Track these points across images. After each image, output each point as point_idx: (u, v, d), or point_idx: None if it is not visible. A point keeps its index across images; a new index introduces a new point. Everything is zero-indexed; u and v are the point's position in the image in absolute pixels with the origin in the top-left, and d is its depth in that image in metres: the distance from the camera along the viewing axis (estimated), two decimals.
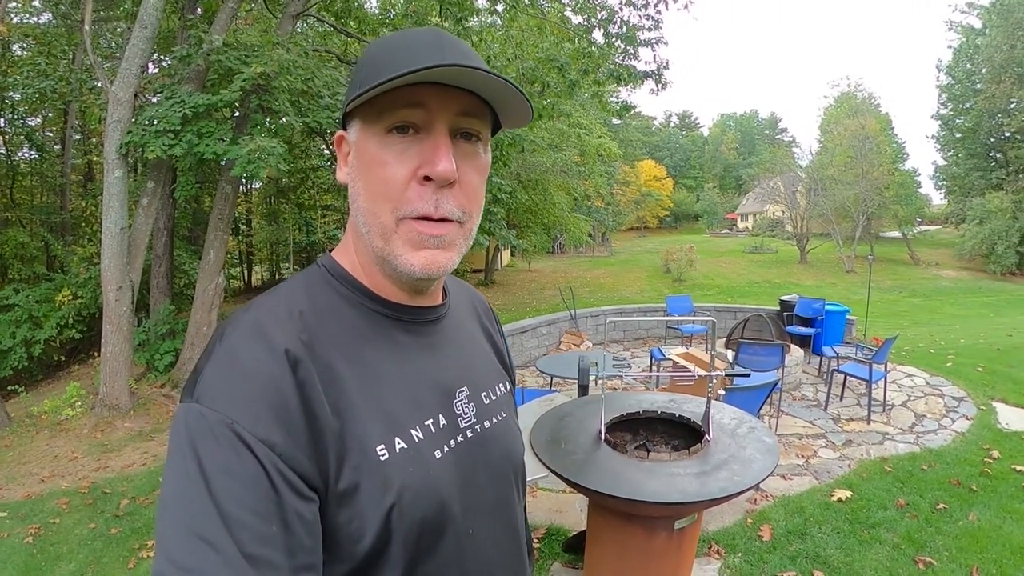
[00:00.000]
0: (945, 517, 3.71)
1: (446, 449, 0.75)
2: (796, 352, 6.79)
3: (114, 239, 6.89)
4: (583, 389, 4.38)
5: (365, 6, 11.29)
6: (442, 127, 0.70)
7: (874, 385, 5.66)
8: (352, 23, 10.17)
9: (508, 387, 0.95)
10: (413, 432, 0.72)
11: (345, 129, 0.77)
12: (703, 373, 3.03)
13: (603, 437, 2.49)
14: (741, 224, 53.68)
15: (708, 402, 2.56)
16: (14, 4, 12.89)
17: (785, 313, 8.50)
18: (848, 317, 8.38)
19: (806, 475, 4.42)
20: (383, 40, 0.74)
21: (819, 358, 7.47)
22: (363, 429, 0.67)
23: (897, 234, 31.98)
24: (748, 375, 3.29)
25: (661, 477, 2.15)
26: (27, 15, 13.93)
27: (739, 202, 56.47)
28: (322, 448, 0.63)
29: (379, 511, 0.65)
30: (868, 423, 5.47)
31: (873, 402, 5.70)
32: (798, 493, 4.11)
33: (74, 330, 10.54)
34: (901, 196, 29.33)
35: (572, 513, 3.91)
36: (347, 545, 0.65)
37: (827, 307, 8.11)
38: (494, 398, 0.88)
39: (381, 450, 0.68)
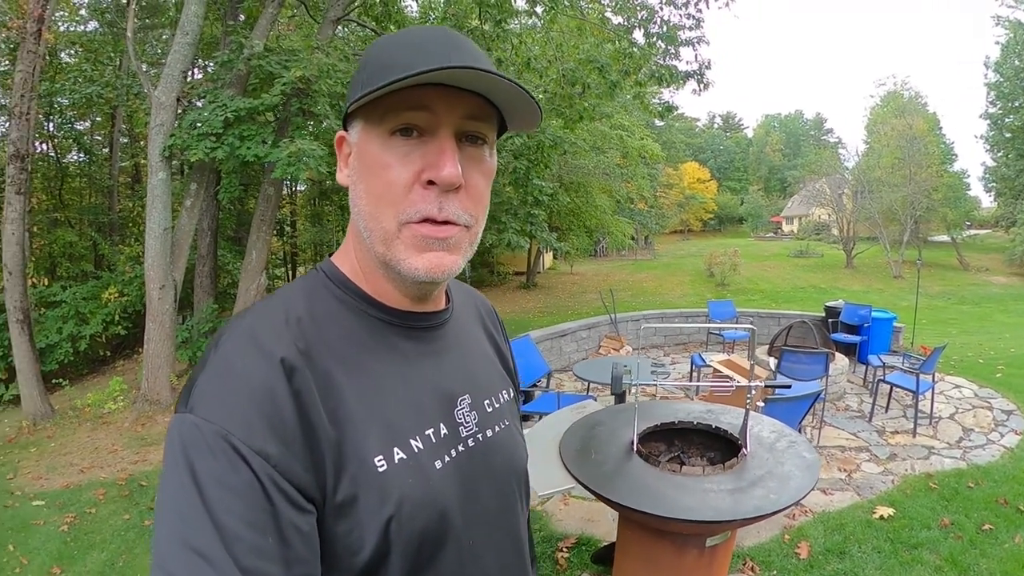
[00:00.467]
0: (990, 539, 3.52)
1: (447, 459, 0.74)
2: (841, 361, 6.59)
3: (157, 239, 7.07)
4: (619, 396, 4.30)
5: (405, 10, 11.39)
6: (448, 130, 0.68)
7: (921, 396, 5.44)
8: (392, 27, 10.25)
9: (511, 394, 0.94)
10: (413, 442, 0.71)
11: (346, 130, 0.74)
12: (741, 383, 2.93)
13: (635, 448, 2.42)
14: (786, 227, 52.61)
15: (746, 414, 2.47)
16: (61, 13, 13.38)
17: (830, 320, 8.27)
18: (895, 324, 8.12)
19: (848, 490, 4.25)
20: (389, 38, 0.72)
21: (865, 367, 7.23)
22: (361, 439, 0.66)
23: (946, 238, 30.95)
24: (789, 386, 3.18)
25: (693, 493, 2.08)
26: (74, 23, 14.45)
27: (784, 205, 55.28)
28: (319, 459, 0.62)
29: (377, 523, 0.64)
30: (914, 436, 5.26)
31: (920, 414, 5.48)
32: (839, 509, 3.95)
33: (120, 327, 10.86)
34: (950, 199, 28.36)
35: (604, 523, 3.83)
36: (346, 557, 0.64)
37: (873, 314, 7.86)
38: (497, 406, 0.86)
39: (379, 461, 0.66)
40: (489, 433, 0.82)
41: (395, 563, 0.66)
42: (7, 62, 11.78)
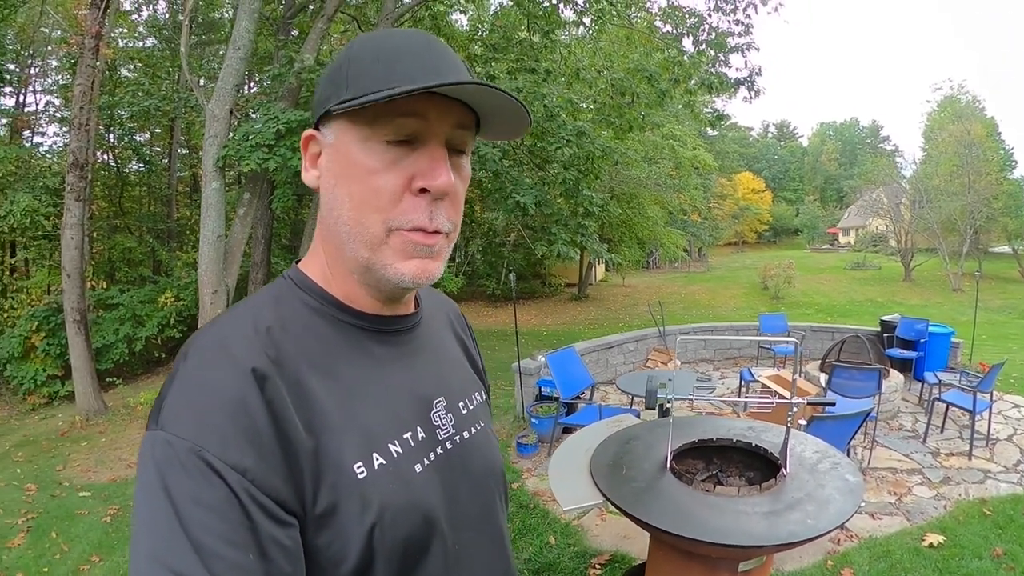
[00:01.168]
0: None
1: (426, 462, 0.73)
2: (895, 377, 6.35)
3: (211, 246, 7.29)
4: (660, 410, 4.23)
5: (455, 24, 11.53)
6: (440, 139, 0.68)
7: (978, 416, 5.19)
8: (442, 40, 10.39)
9: (484, 396, 0.93)
10: (391, 447, 0.70)
11: (317, 128, 0.72)
12: (782, 400, 2.85)
13: (668, 465, 2.38)
14: (843, 239, 51.17)
15: (786, 432, 2.40)
16: (120, 29, 14.02)
17: (886, 335, 7.98)
18: (953, 340, 7.78)
19: (897, 515, 4.08)
20: (369, 39, 0.70)
21: (920, 384, 6.94)
22: (339, 446, 0.65)
23: (1007, 249, 29.53)
24: (833, 404, 3.06)
25: (726, 514, 2.02)
26: (133, 40, 15.13)
27: (840, 215, 53.72)
28: (297, 469, 0.61)
29: (360, 531, 0.63)
30: (969, 459, 5.01)
31: (976, 435, 5.22)
32: (886, 535, 3.79)
33: (175, 329, 11.27)
34: (1010, 207, 26.96)
35: (640, 540, 3.75)
36: (329, 568, 0.63)
37: (930, 328, 7.56)
38: (471, 407, 0.86)
39: (359, 467, 0.65)
40: (466, 435, 0.81)
41: (380, 571, 0.65)
42: (69, 76, 12.38)
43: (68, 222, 7.98)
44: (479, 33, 11.25)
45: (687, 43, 9.40)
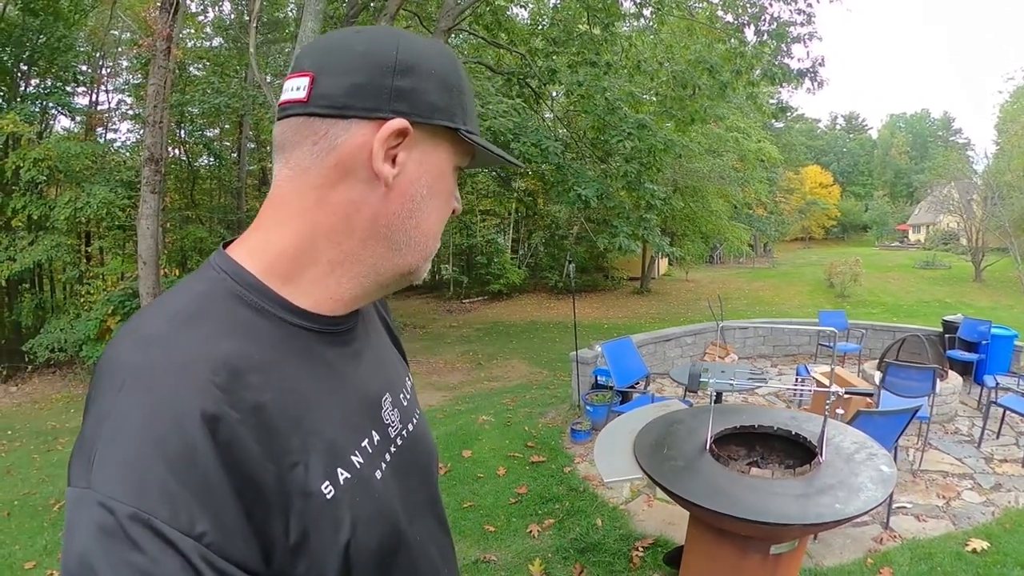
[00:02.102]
0: None
1: (383, 466, 0.71)
2: (954, 379, 6.21)
3: None
4: (715, 396, 4.28)
5: (515, 18, 11.66)
6: None
7: None
8: (503, 35, 10.54)
9: (411, 379, 0.90)
10: (353, 458, 0.66)
11: (412, 124, 0.65)
12: (819, 389, 2.91)
13: (708, 447, 2.49)
14: (913, 236, 49.07)
15: (824, 421, 2.48)
16: (188, 30, 14.71)
17: (947, 335, 7.77)
18: (1017, 343, 7.53)
19: (943, 518, 4.05)
20: (450, 63, 0.70)
21: (980, 388, 6.76)
22: (303, 470, 0.59)
23: None
24: (870, 395, 3.11)
25: (759, 494, 2.13)
26: (200, 40, 15.84)
27: (911, 212, 51.62)
28: (260, 516, 0.55)
29: (335, 551, 0.60)
30: (1023, 466, 4.91)
31: None
32: (930, 538, 3.78)
33: None
34: None
35: (683, 527, 3.83)
36: None
37: (993, 330, 7.33)
38: (408, 396, 0.84)
39: (326, 487, 0.61)
40: (410, 427, 0.80)
41: None
42: (140, 76, 13.07)
43: (144, 213, 8.50)
44: (539, 27, 11.36)
45: (749, 33, 9.32)
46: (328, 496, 0.60)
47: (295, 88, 0.64)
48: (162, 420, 0.51)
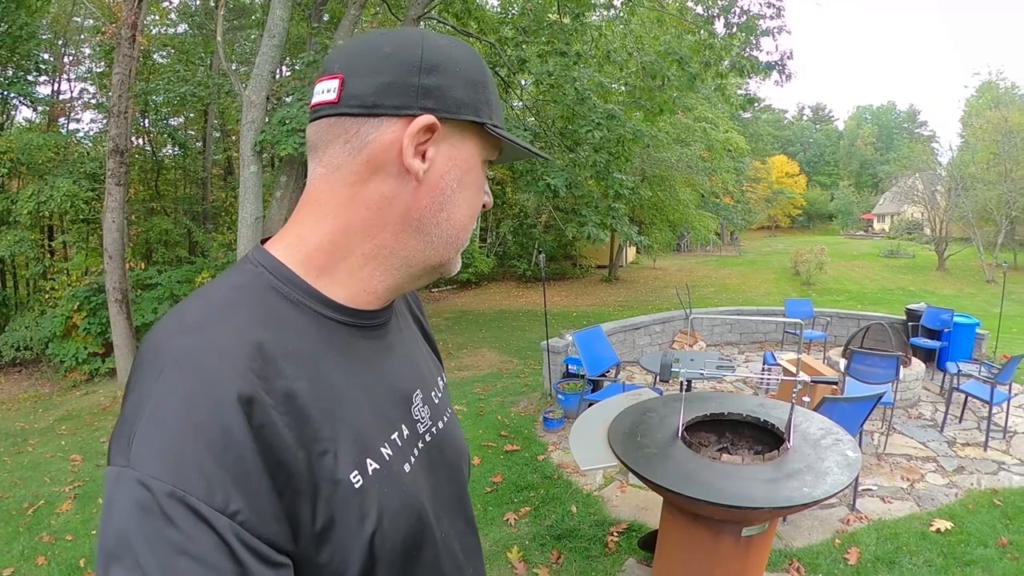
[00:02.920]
0: None
1: (412, 460, 0.72)
2: (917, 366, 6.38)
3: (249, 227, 7.56)
4: (685, 385, 4.35)
5: (485, 6, 11.60)
6: None
7: (996, 408, 5.22)
8: (472, 23, 10.49)
9: (444, 379, 0.93)
10: (383, 450, 0.68)
11: (440, 120, 0.67)
12: (787, 377, 2.98)
13: (680, 435, 2.53)
14: (877, 226, 50.16)
15: (791, 408, 2.54)
16: (152, 17, 14.37)
17: (911, 323, 7.98)
18: (978, 331, 7.75)
19: (908, 500, 4.17)
20: (467, 53, 0.71)
21: (943, 374, 6.96)
22: (332, 458, 0.61)
23: None
24: (835, 383, 3.18)
25: (730, 480, 2.17)
26: (165, 27, 15.49)
27: (875, 202, 52.72)
28: (290, 497, 0.57)
29: (361, 540, 0.62)
30: (985, 450, 5.05)
31: (994, 427, 5.25)
32: (895, 518, 3.89)
33: None
34: None
35: (656, 511, 3.87)
36: None
37: (955, 319, 7.54)
38: (440, 395, 0.86)
39: (355, 477, 0.62)
40: (440, 424, 0.82)
41: (381, 574, 0.64)
42: (104, 64, 12.75)
43: (109, 206, 8.31)
44: (509, 15, 11.31)
45: (718, 25, 9.41)
46: (356, 485, 0.62)
47: (326, 90, 0.66)
48: (200, 403, 0.53)
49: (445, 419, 0.84)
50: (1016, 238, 26.99)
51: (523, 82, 10.90)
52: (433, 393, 0.83)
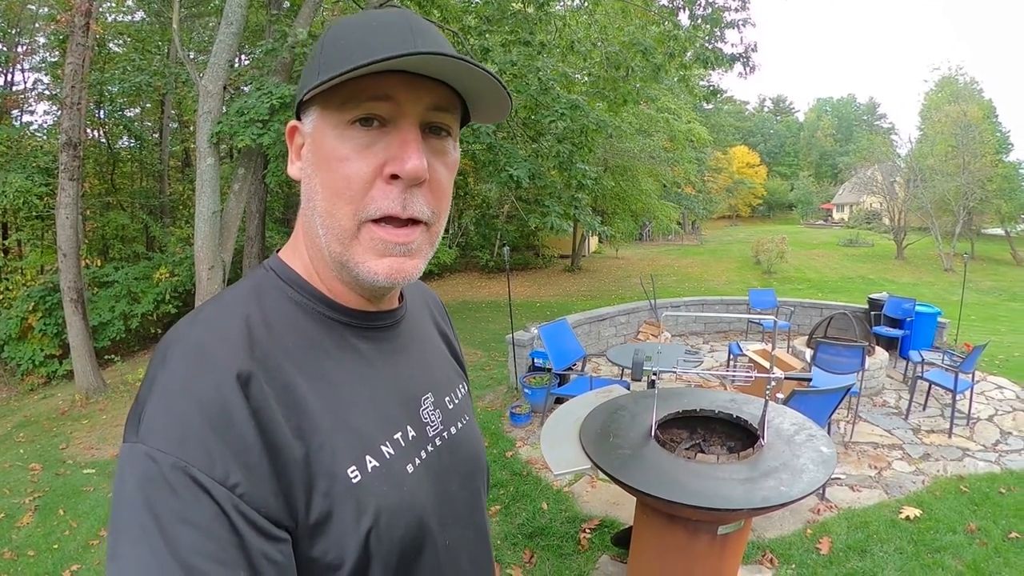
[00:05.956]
0: (1016, 548, 3.44)
1: (418, 462, 0.72)
2: (881, 355, 6.47)
3: (207, 222, 7.31)
4: (649, 382, 4.33)
5: None
6: (412, 121, 0.64)
7: (959, 396, 5.31)
8: (435, 11, 10.31)
9: (466, 388, 0.92)
10: (384, 448, 0.68)
11: (299, 119, 0.69)
12: (761, 375, 2.94)
13: (653, 434, 2.48)
14: (837, 215, 51.20)
15: (764, 404, 2.50)
16: (108, 4, 13.84)
17: (873, 312, 8.10)
18: (940, 320, 7.90)
19: (876, 488, 4.21)
20: (346, 21, 0.67)
21: (905, 362, 7.07)
22: (331, 451, 0.62)
23: (1000, 231, 29.69)
24: (809, 379, 3.16)
25: (705, 480, 2.12)
26: (121, 14, 14.94)
27: (835, 192, 53.78)
28: (287, 480, 0.58)
29: (356, 537, 0.62)
30: (949, 436, 5.13)
31: (957, 414, 5.34)
32: (864, 507, 3.92)
33: (170, 305, 11.31)
34: (1004, 190, 27.06)
35: (628, 506, 3.87)
36: (325, 574, 0.61)
37: (917, 308, 7.67)
38: (457, 402, 0.84)
39: (353, 472, 0.63)
40: (453, 430, 0.80)
41: (376, 574, 0.64)
42: (57, 54, 12.25)
43: (63, 202, 7.96)
44: (473, 4, 11.15)
45: (683, 17, 9.38)
46: (354, 480, 0.63)
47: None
48: (203, 384, 0.57)
49: (460, 425, 0.83)
50: (973, 228, 27.78)
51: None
52: (448, 399, 0.83)
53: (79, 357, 8.19)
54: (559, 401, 5.30)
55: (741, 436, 2.67)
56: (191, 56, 11.87)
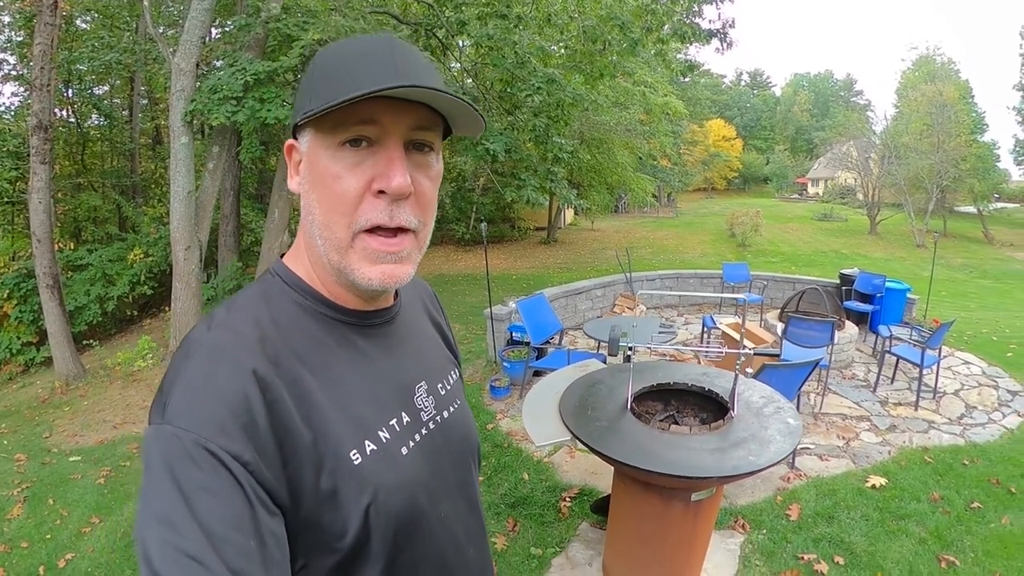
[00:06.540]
0: (977, 517, 3.59)
1: (412, 444, 0.80)
2: (851, 329, 6.62)
3: (182, 202, 7.24)
4: (625, 357, 4.41)
5: None
6: (396, 140, 0.72)
7: (926, 370, 5.47)
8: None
9: (458, 374, 1.01)
10: (380, 433, 0.76)
11: (295, 138, 0.77)
12: (731, 350, 3.04)
13: (629, 406, 2.56)
14: (811, 189, 51.44)
15: (735, 378, 2.59)
16: None
17: (844, 287, 8.27)
18: (909, 296, 8.10)
19: (844, 458, 4.36)
20: (335, 49, 0.75)
21: (875, 337, 7.25)
22: (336, 437, 0.71)
23: (972, 209, 30.23)
24: (778, 355, 3.27)
25: (679, 450, 2.21)
26: None
27: (810, 166, 53.94)
28: (295, 464, 0.67)
29: (358, 510, 0.70)
30: (916, 409, 5.29)
31: (924, 388, 5.51)
32: (832, 475, 4.07)
33: (146, 286, 11.15)
34: (978, 169, 27.53)
35: (606, 476, 3.98)
36: (332, 542, 0.70)
37: (887, 284, 7.84)
38: (449, 387, 0.93)
39: (354, 454, 0.72)
40: (445, 414, 0.89)
41: (376, 545, 0.72)
42: (24, 34, 11.87)
43: (35, 186, 7.77)
44: None
45: None
46: (356, 462, 0.72)
47: None
48: (223, 375, 0.66)
49: (451, 409, 0.92)
50: (946, 206, 28.23)
51: (461, 43, 10.63)
52: (440, 385, 0.92)
53: (57, 344, 8.07)
54: (538, 374, 5.39)
55: (713, 408, 2.77)
56: (162, 32, 11.61)
